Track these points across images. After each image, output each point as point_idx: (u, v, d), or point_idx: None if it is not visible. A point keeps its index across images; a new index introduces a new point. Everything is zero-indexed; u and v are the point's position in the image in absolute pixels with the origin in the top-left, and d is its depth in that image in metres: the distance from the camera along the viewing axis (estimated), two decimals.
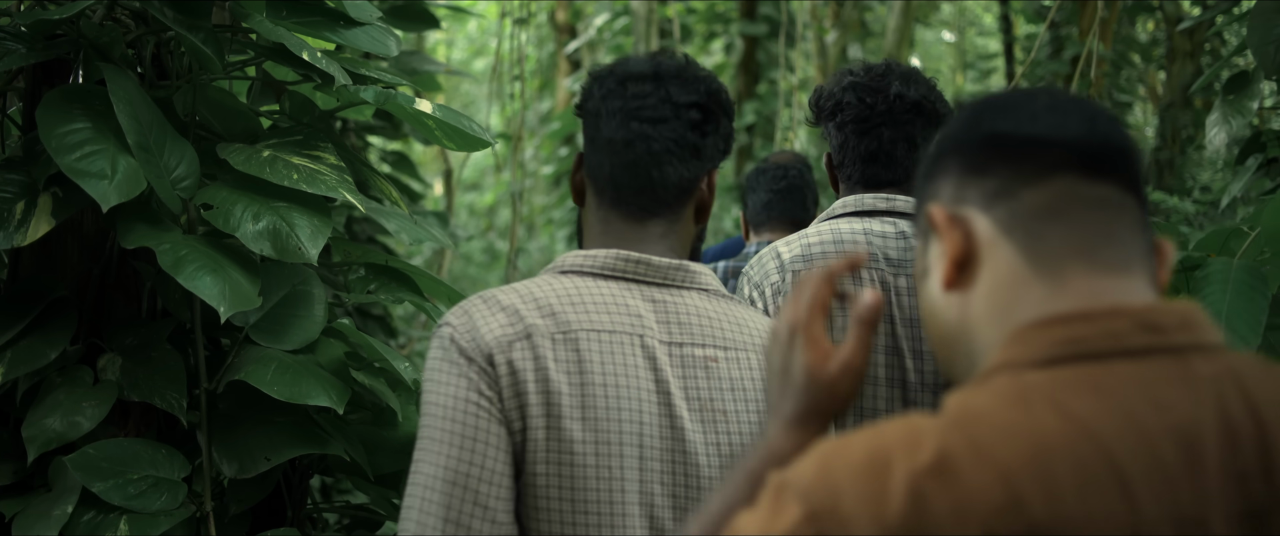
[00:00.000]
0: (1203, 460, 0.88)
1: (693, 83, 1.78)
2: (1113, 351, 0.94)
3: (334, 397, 2.31)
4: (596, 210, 1.79)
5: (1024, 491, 0.84)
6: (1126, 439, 0.88)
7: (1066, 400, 0.90)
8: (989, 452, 0.86)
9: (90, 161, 2.18)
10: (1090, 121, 1.07)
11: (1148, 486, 0.87)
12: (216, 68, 2.40)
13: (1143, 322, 0.96)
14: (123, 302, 2.56)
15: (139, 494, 2.26)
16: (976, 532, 0.83)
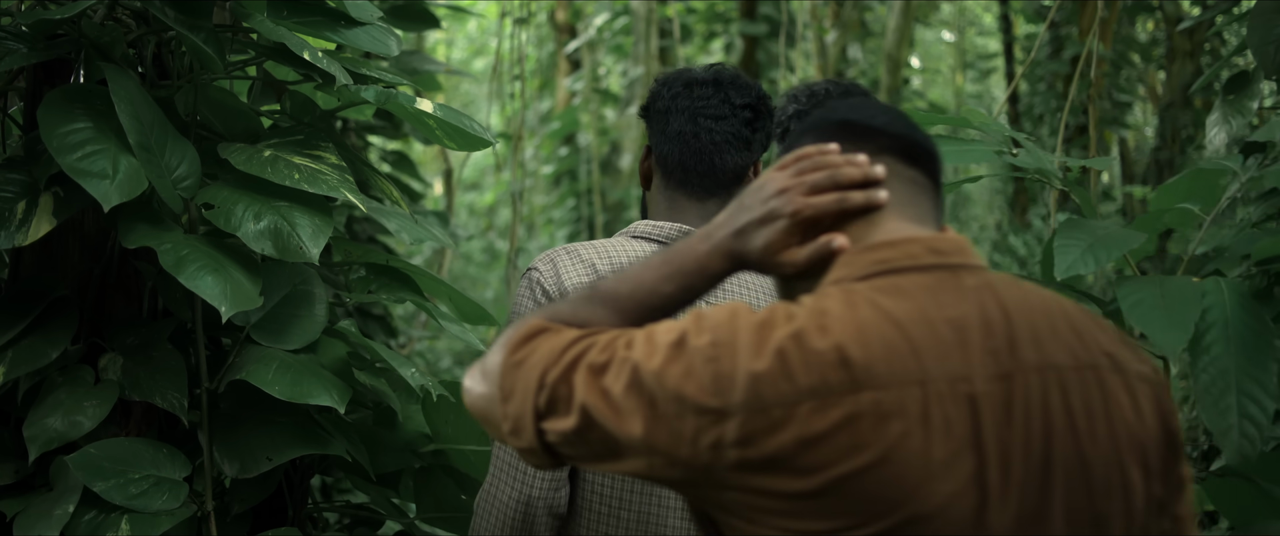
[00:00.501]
0: (968, 340, 1.30)
1: (745, 88, 2.19)
2: (909, 267, 1.37)
3: (335, 397, 2.31)
4: (663, 190, 2.16)
5: (850, 354, 1.26)
6: (917, 324, 1.30)
7: (878, 299, 1.32)
8: (829, 330, 1.28)
9: (92, 161, 2.19)
10: (911, 128, 1.49)
11: (931, 355, 1.28)
12: (218, 67, 2.40)
13: (930, 248, 1.39)
14: (124, 302, 2.56)
15: (140, 493, 2.26)
16: (816, 379, 1.25)
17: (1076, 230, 1.97)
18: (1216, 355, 1.82)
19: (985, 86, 20.40)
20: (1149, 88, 15.66)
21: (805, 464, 1.25)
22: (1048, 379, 1.31)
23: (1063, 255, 1.89)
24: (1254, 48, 3.08)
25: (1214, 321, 1.85)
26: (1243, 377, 1.80)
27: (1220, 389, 1.80)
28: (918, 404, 1.26)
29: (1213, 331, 1.85)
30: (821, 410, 1.25)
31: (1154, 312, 1.81)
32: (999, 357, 1.31)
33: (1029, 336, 1.34)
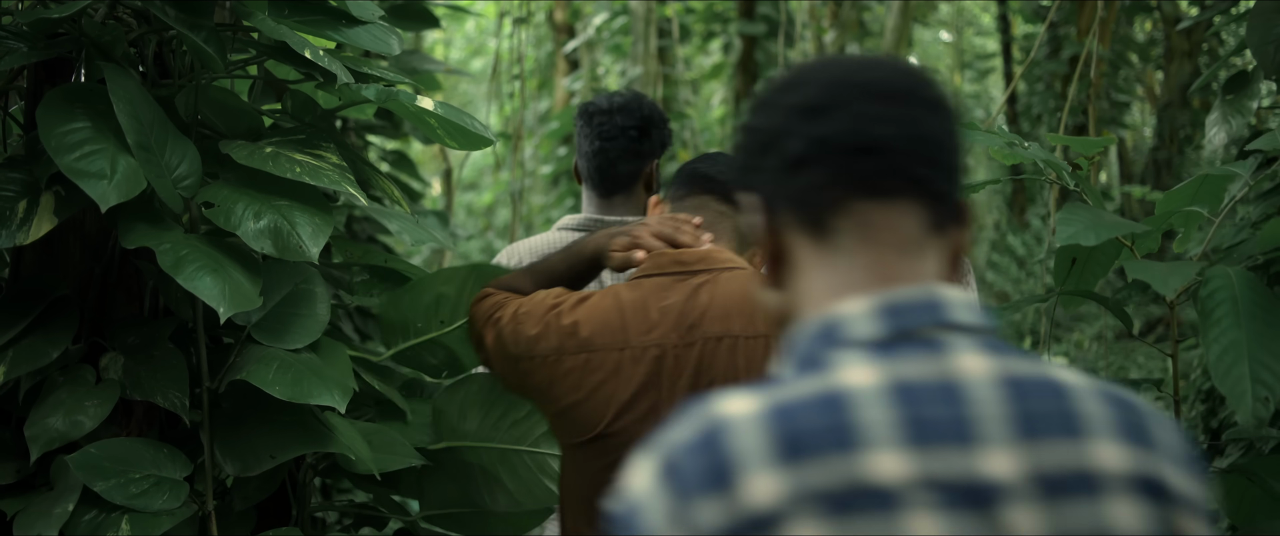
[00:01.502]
0: (666, 319, 1.97)
1: (633, 112, 2.92)
2: (655, 273, 2.06)
3: (337, 396, 2.30)
4: (584, 191, 2.99)
5: (580, 328, 2.00)
6: (635, 308, 2.00)
7: (621, 291, 2.04)
8: (576, 310, 2.03)
9: (89, 161, 2.18)
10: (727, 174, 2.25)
11: (635, 329, 1.97)
12: (218, 67, 2.40)
13: (675, 260, 2.06)
14: (125, 301, 2.56)
15: (141, 493, 2.26)
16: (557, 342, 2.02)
17: (1079, 210, 2.01)
18: (1227, 327, 1.85)
19: (983, 86, 20.41)
20: (1147, 88, 15.67)
21: (551, 395, 2.04)
22: (723, 344, 1.92)
23: (1065, 226, 1.92)
24: (1253, 47, 3.08)
25: (1223, 299, 1.88)
26: (1254, 346, 1.83)
27: (1233, 358, 1.84)
28: (614, 362, 1.96)
29: (1222, 308, 1.88)
30: (559, 362, 2.01)
31: (1156, 272, 1.86)
32: (688, 330, 1.96)
33: (718, 315, 1.96)
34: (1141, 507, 1.03)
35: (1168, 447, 1.07)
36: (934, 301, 1.09)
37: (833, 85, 1.15)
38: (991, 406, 1.03)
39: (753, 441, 1.00)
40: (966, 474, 1.00)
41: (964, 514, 0.99)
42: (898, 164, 1.12)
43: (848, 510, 0.97)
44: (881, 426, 1.01)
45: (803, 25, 13.51)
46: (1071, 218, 1.97)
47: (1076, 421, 1.04)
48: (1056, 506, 1.01)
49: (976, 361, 1.06)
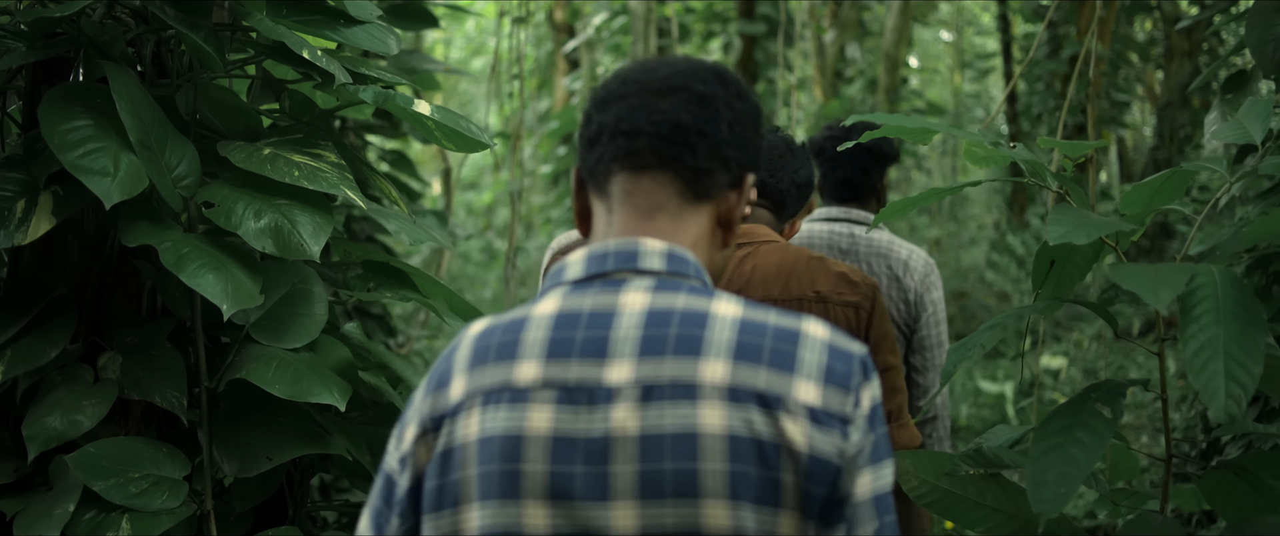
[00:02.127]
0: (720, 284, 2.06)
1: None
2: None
3: (336, 395, 2.31)
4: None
5: None
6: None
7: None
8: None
9: (93, 159, 2.19)
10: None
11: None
12: (217, 66, 2.40)
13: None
14: (123, 301, 2.56)
15: (140, 492, 2.26)
16: None
17: (1067, 211, 2.02)
18: (1206, 324, 1.86)
19: (983, 86, 20.41)
20: (1147, 87, 15.67)
21: None
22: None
23: (1055, 226, 1.94)
24: (1252, 47, 3.08)
25: (1204, 297, 1.89)
26: (1230, 344, 1.83)
27: (1209, 354, 1.84)
28: None
29: (1203, 304, 1.88)
30: None
31: (1144, 279, 1.85)
32: (738, 294, 2.20)
33: (760, 282, 2.35)
34: (732, 411, 1.30)
35: (799, 365, 1.34)
36: (633, 251, 1.41)
37: (623, 82, 1.48)
38: (629, 331, 1.35)
39: (463, 354, 1.41)
40: (588, 379, 1.33)
41: (575, 408, 1.33)
42: (650, 145, 1.43)
43: (495, 402, 1.35)
44: (535, 344, 1.37)
45: (802, 25, 13.51)
46: (1061, 218, 1.97)
47: (698, 345, 1.33)
48: (651, 406, 1.31)
49: (638, 297, 1.38)
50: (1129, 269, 1.89)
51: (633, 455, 1.30)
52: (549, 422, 1.33)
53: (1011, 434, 2.35)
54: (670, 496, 1.29)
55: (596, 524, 1.31)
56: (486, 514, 1.33)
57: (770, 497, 1.30)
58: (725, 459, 1.29)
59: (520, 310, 1.42)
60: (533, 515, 1.32)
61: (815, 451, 1.31)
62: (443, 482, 1.36)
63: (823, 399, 1.33)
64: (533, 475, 1.32)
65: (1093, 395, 2.04)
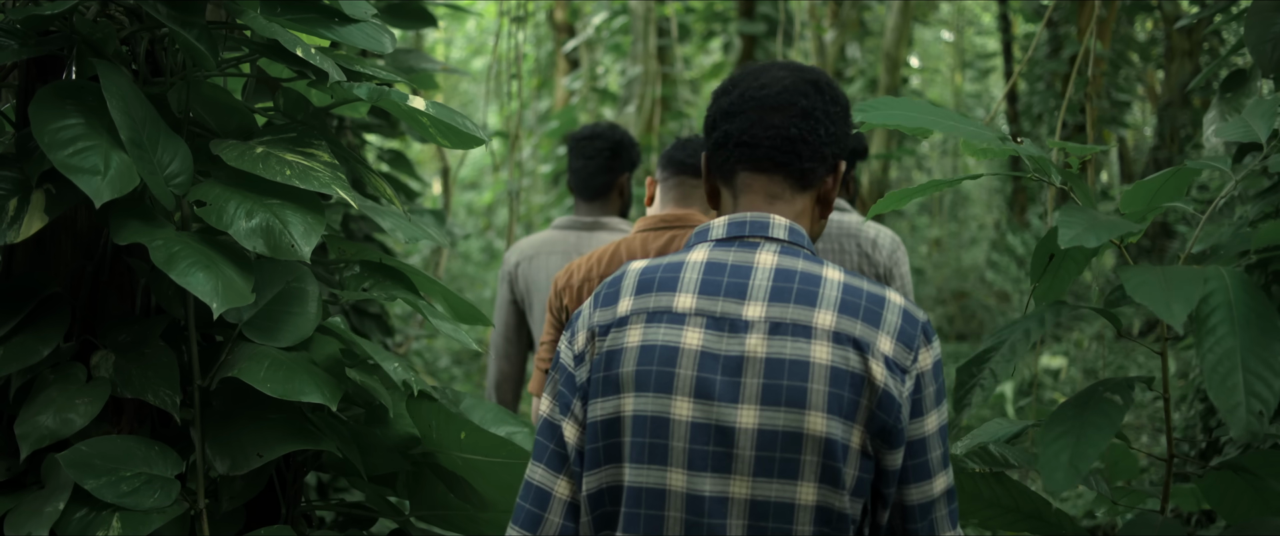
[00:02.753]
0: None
1: (605, 138, 4.01)
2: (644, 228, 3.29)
3: (327, 394, 2.30)
4: (574, 198, 4.02)
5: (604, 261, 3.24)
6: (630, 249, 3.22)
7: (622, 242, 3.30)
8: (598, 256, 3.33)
9: (83, 157, 2.18)
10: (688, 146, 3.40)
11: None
12: (210, 64, 2.39)
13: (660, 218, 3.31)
14: (116, 299, 2.55)
15: (132, 491, 2.25)
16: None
17: (1077, 213, 2.00)
18: (1222, 335, 1.84)
19: (984, 86, 20.40)
20: (1147, 87, 15.66)
21: None
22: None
23: (1066, 229, 1.92)
24: (1251, 46, 3.07)
25: (1218, 304, 1.86)
26: (1248, 356, 1.81)
27: (1227, 368, 1.82)
28: None
29: (1217, 314, 1.86)
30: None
31: (1156, 290, 1.82)
32: None
33: None
34: (834, 348, 1.77)
35: (883, 324, 1.80)
36: (764, 222, 1.89)
37: (742, 97, 1.93)
38: (762, 281, 1.83)
39: (629, 283, 1.90)
40: (730, 313, 1.81)
41: (718, 331, 1.80)
42: (768, 154, 1.91)
43: (656, 320, 1.83)
44: (690, 282, 1.85)
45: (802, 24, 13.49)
46: (1071, 220, 1.95)
47: (814, 298, 1.80)
48: (776, 338, 1.78)
49: (769, 257, 1.86)
50: (1140, 276, 1.87)
51: (759, 371, 1.77)
52: (699, 340, 1.80)
53: (1010, 428, 2.34)
54: (784, 404, 1.75)
55: (726, 419, 1.76)
56: (644, 401, 1.80)
57: (851, 414, 1.76)
58: (827, 382, 1.76)
59: (676, 256, 1.91)
60: (680, 406, 1.78)
61: (887, 387, 1.76)
62: (607, 375, 1.84)
63: (894, 351, 1.79)
64: (684, 377, 1.79)
65: (1101, 388, 2.03)
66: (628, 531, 1.80)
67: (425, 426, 2.60)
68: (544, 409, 1.90)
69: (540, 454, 1.90)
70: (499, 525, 2.67)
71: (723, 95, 1.96)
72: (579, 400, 1.86)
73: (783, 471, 1.75)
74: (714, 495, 1.76)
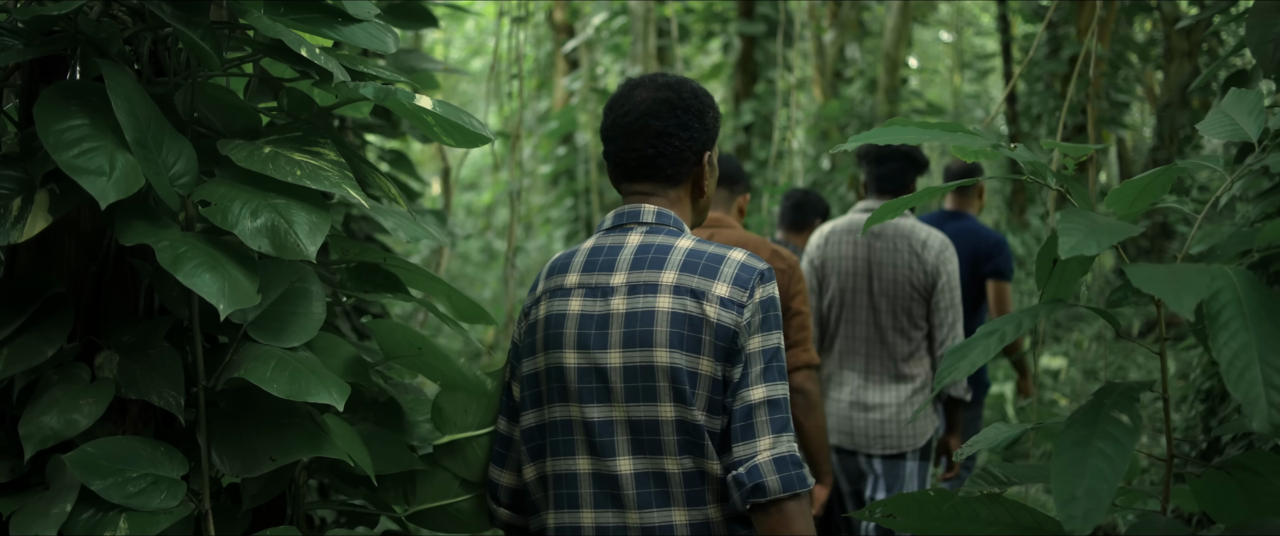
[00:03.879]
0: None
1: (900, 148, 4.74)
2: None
3: (335, 394, 2.29)
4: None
5: None
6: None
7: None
8: None
9: (88, 158, 2.17)
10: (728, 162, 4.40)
11: None
12: (215, 64, 2.39)
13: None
14: (120, 300, 2.55)
15: (138, 492, 2.24)
16: None
17: (1077, 217, 1.99)
18: (1235, 330, 1.82)
19: (983, 86, 20.41)
20: (1147, 88, 15.67)
21: None
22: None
23: (1066, 236, 1.90)
24: (1252, 46, 3.07)
25: (1227, 300, 1.85)
26: (1264, 349, 1.80)
27: (1244, 362, 1.80)
28: None
29: (1228, 309, 1.84)
30: None
31: (1164, 282, 1.81)
32: None
33: None
34: (676, 298, 2.30)
35: (720, 275, 2.31)
36: (635, 211, 2.43)
37: (612, 125, 2.46)
38: (627, 255, 2.37)
39: (544, 270, 2.47)
40: (601, 283, 2.36)
41: (592, 298, 2.35)
42: (635, 169, 2.45)
43: (553, 296, 2.40)
44: (577, 264, 2.41)
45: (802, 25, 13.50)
46: (1072, 227, 1.93)
47: (662, 263, 2.33)
48: (634, 296, 2.32)
49: (636, 237, 2.39)
50: (1147, 271, 1.86)
51: (620, 323, 2.31)
52: (579, 306, 2.36)
53: (1010, 432, 2.34)
54: (638, 346, 2.29)
55: (600, 361, 2.31)
56: (551, 356, 2.36)
57: (695, 347, 2.28)
58: (669, 324, 2.29)
59: (576, 246, 2.45)
60: (568, 357, 2.34)
61: (721, 321, 2.28)
62: (529, 341, 2.43)
63: (729, 293, 2.29)
64: (569, 335, 2.35)
65: (1106, 401, 2.01)
66: (553, 454, 2.37)
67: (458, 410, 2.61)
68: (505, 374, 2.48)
69: (502, 408, 2.51)
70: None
71: (605, 116, 2.48)
72: (516, 361, 2.46)
73: (645, 396, 2.28)
74: (602, 419, 2.31)
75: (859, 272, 4.59)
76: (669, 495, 2.28)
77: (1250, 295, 1.88)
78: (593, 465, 2.32)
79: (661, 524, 2.27)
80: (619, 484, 2.29)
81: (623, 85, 2.49)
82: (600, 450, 2.30)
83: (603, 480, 2.31)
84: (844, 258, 4.63)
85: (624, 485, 2.29)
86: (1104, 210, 2.24)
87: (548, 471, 2.38)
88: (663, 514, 2.28)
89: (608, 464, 2.30)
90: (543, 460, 2.40)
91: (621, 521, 2.30)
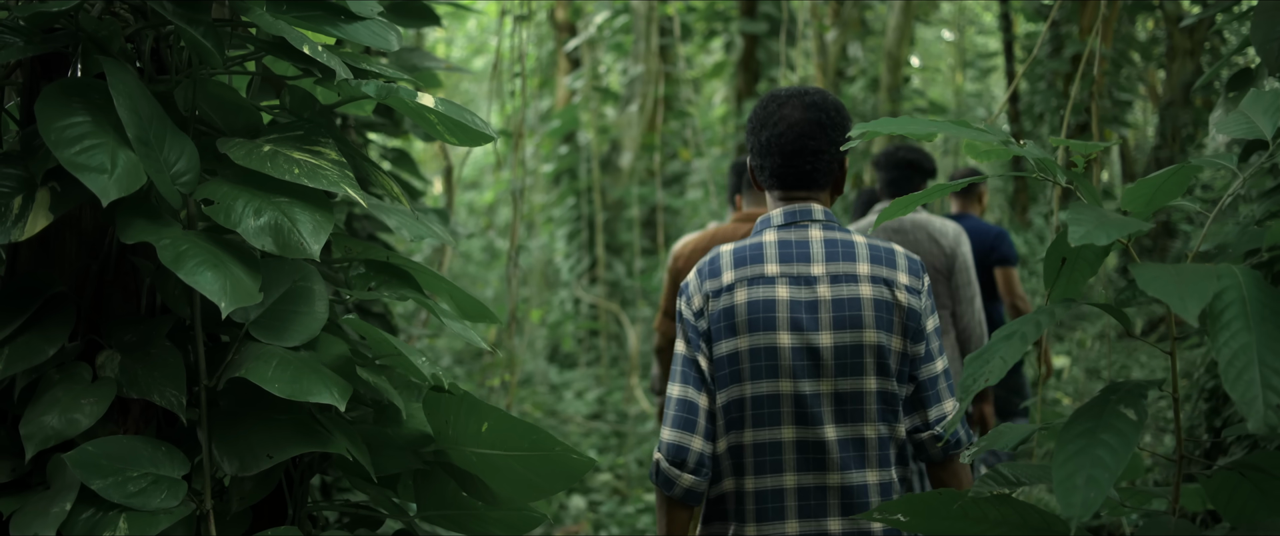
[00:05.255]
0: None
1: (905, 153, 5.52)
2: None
3: (336, 394, 2.28)
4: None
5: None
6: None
7: None
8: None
9: (90, 155, 2.16)
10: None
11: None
12: (216, 62, 2.38)
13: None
14: (122, 299, 2.54)
15: (138, 491, 2.23)
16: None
17: (1085, 210, 1.98)
18: (1237, 330, 1.81)
19: (985, 85, 20.38)
20: (1149, 87, 15.64)
21: None
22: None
23: (1076, 227, 1.89)
24: (1257, 45, 3.06)
25: (1231, 300, 1.84)
26: (1264, 351, 1.79)
27: (1243, 363, 1.79)
28: None
29: (1231, 309, 1.83)
30: None
31: (1169, 285, 1.80)
32: None
33: None
34: (874, 287, 2.59)
35: (898, 266, 2.64)
36: (807, 210, 2.68)
37: (768, 143, 2.70)
38: (817, 248, 2.63)
39: (727, 260, 2.67)
40: (803, 273, 2.61)
41: (797, 285, 2.59)
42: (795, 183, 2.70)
43: (754, 284, 2.61)
44: (772, 255, 2.63)
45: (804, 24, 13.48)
46: (1080, 218, 1.92)
47: (853, 256, 2.62)
48: (837, 284, 2.59)
49: (817, 232, 2.66)
50: (1153, 272, 1.84)
51: (829, 308, 2.58)
52: (787, 293, 2.59)
53: (1018, 433, 2.32)
54: (848, 328, 2.57)
55: (813, 342, 2.57)
56: (757, 338, 2.59)
57: (889, 327, 2.59)
58: (873, 309, 2.59)
59: (753, 239, 2.69)
60: (783, 338, 2.57)
61: (909, 304, 2.61)
62: (726, 324, 2.61)
63: (909, 281, 2.64)
64: (782, 319, 2.58)
65: (1113, 397, 2.00)
66: (755, 426, 2.60)
67: (440, 421, 2.59)
68: (683, 350, 2.67)
69: (685, 379, 2.66)
70: (509, 525, 2.66)
71: (756, 133, 2.75)
72: (704, 342, 2.64)
73: (853, 371, 2.57)
74: (812, 392, 2.57)
75: None
76: (865, 458, 2.59)
77: (1255, 295, 1.87)
78: (798, 433, 2.59)
79: (858, 483, 2.58)
80: (825, 449, 2.57)
81: (767, 100, 2.77)
82: (810, 420, 2.58)
83: (807, 447, 2.58)
84: None
85: (830, 450, 2.57)
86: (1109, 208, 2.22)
87: (747, 441, 2.61)
88: (860, 474, 2.58)
89: (815, 431, 2.58)
90: (741, 431, 2.61)
91: (821, 482, 2.58)
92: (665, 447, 2.63)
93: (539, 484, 2.60)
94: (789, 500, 2.60)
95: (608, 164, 14.29)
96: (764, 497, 2.60)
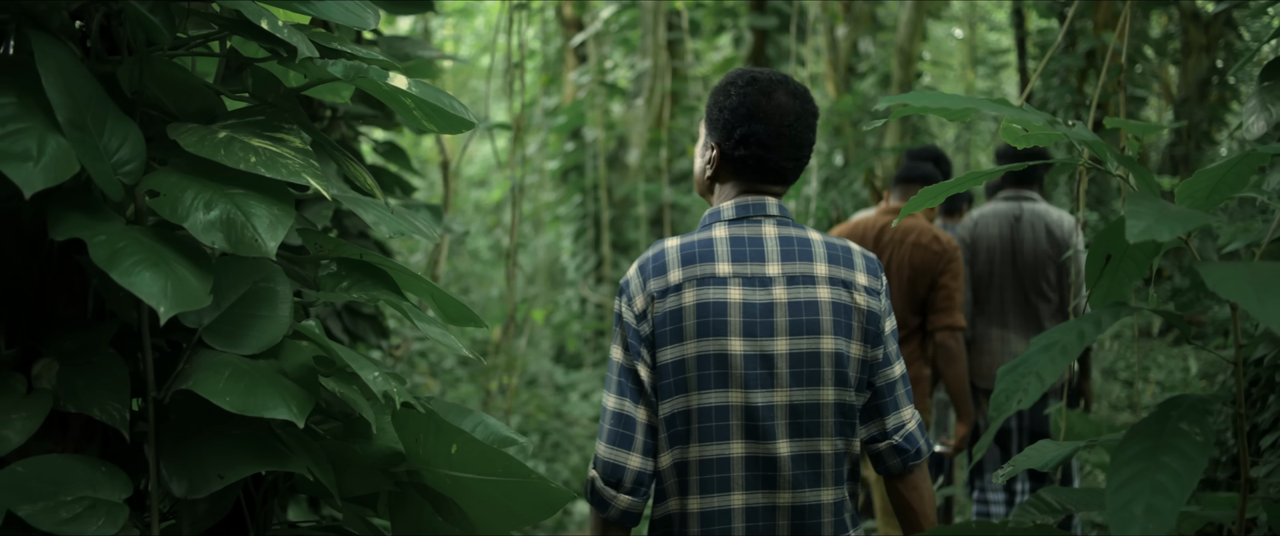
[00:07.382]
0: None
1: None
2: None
3: (294, 410, 2.03)
4: None
5: None
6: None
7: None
8: None
9: (13, 141, 1.91)
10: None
11: None
12: (164, 39, 2.13)
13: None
14: (65, 302, 2.28)
15: (72, 517, 1.97)
16: None
17: (1145, 202, 1.74)
18: None
19: (997, 82, 20.16)
20: (1162, 83, 15.41)
21: None
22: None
23: (1135, 220, 1.66)
24: None
25: None
26: None
27: None
28: None
29: None
30: None
31: (1244, 286, 1.56)
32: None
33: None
34: (833, 289, 2.44)
35: (856, 266, 2.49)
36: (762, 204, 2.51)
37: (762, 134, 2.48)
38: (772, 247, 2.46)
39: (673, 257, 2.45)
40: (757, 273, 2.42)
41: (754, 287, 2.41)
42: (773, 178, 2.53)
43: (704, 284, 2.41)
44: (723, 253, 2.43)
45: (814, 19, 13.25)
46: (1140, 211, 1.69)
47: (810, 254, 2.46)
48: (794, 285, 2.43)
49: (771, 229, 2.49)
50: (1223, 272, 1.61)
51: (785, 312, 2.40)
52: (739, 295, 2.39)
53: (1057, 452, 2.09)
54: (805, 334, 2.40)
55: (768, 349, 2.38)
56: (706, 344, 2.37)
57: (848, 332, 2.43)
58: (831, 314, 2.42)
59: (701, 234, 2.48)
60: (734, 344, 2.37)
61: (870, 308, 2.46)
62: (672, 328, 2.39)
63: (867, 281, 2.48)
64: (734, 323, 2.37)
65: (1173, 412, 1.76)
66: (702, 440, 2.40)
67: (411, 440, 2.35)
68: (620, 357, 2.44)
69: (621, 390, 2.44)
70: None
71: (744, 123, 2.49)
72: (646, 348, 2.42)
73: (809, 381, 2.39)
74: (765, 404, 2.38)
75: (1005, 248, 5.75)
76: (820, 475, 2.41)
77: None
78: (748, 448, 2.40)
79: (812, 503, 2.40)
80: (777, 465, 2.39)
81: (745, 87, 2.52)
82: (761, 434, 2.38)
83: (757, 463, 2.40)
84: (991, 236, 5.78)
85: (782, 467, 2.39)
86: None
87: (692, 457, 2.41)
88: (814, 493, 2.41)
89: (767, 447, 2.39)
90: (686, 446, 2.42)
91: (772, 501, 2.40)
92: (600, 465, 2.44)
93: (517, 511, 2.35)
94: (736, 521, 2.40)
95: (614, 161, 14.08)
96: (710, 519, 2.40)
